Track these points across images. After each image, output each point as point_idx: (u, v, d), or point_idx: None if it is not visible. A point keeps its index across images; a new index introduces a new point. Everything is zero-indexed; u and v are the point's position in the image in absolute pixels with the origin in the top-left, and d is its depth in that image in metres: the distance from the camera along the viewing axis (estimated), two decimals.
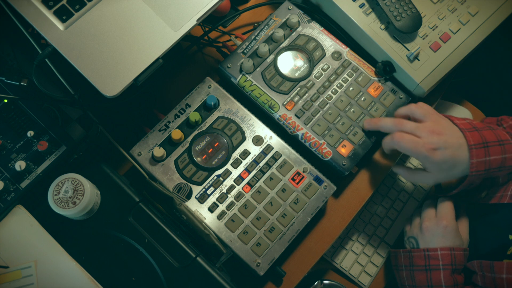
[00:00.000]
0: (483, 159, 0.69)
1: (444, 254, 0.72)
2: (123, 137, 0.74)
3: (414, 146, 0.69)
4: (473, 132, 0.71)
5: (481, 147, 0.69)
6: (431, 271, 0.73)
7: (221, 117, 0.74)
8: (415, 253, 0.75)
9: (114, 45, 0.62)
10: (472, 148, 0.69)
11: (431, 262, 0.73)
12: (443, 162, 0.69)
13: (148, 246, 0.65)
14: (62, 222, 0.65)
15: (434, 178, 0.72)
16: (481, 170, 0.70)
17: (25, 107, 0.69)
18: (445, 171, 0.71)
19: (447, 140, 0.70)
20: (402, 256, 0.78)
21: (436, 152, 0.69)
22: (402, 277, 0.78)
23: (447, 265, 0.72)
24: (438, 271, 0.72)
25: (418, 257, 0.75)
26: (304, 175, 0.73)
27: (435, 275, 0.72)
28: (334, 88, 0.78)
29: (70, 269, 0.62)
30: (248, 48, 0.78)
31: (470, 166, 0.69)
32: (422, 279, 0.73)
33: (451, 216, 0.76)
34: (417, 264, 0.74)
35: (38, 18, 0.61)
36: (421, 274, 0.74)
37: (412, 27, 0.76)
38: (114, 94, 0.61)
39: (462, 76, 0.96)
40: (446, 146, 0.69)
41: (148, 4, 0.65)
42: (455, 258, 0.72)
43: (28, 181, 0.66)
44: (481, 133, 0.71)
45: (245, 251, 0.69)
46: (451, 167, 0.70)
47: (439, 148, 0.69)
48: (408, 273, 0.76)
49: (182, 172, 0.71)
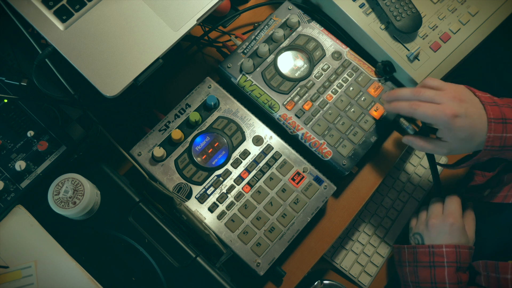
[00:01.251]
0: (500, 134, 0.67)
1: (449, 251, 0.72)
2: (123, 137, 0.74)
3: (434, 112, 0.67)
4: (493, 107, 0.69)
5: (500, 122, 0.67)
6: (435, 267, 0.72)
7: (221, 117, 0.74)
8: (420, 249, 0.75)
9: (114, 45, 0.62)
10: (491, 122, 0.67)
11: (436, 259, 0.72)
12: (461, 130, 0.67)
13: (148, 246, 0.65)
14: (62, 222, 0.65)
15: (449, 147, 0.69)
16: (496, 146, 0.68)
17: (25, 107, 0.69)
18: (461, 142, 0.68)
19: (468, 108, 0.67)
20: (407, 251, 0.77)
21: (457, 119, 0.66)
22: (405, 273, 0.77)
23: (451, 262, 0.71)
24: (443, 268, 0.71)
25: (422, 253, 0.74)
26: (304, 175, 0.73)
27: (439, 272, 0.72)
28: (334, 88, 0.78)
29: (70, 269, 0.62)
30: (248, 48, 0.78)
31: (486, 139, 0.67)
32: (426, 275, 0.73)
33: (458, 213, 0.75)
34: (421, 260, 0.74)
35: (38, 18, 0.61)
36: (425, 271, 0.73)
37: (412, 27, 0.76)
38: (114, 94, 0.61)
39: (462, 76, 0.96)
40: (466, 114, 0.67)
41: (148, 4, 0.65)
42: (460, 255, 0.72)
43: (28, 181, 0.66)
44: (501, 109, 0.69)
45: (245, 251, 0.69)
46: (468, 137, 0.68)
47: (460, 115, 0.66)
48: (411, 269, 0.76)
49: (182, 172, 0.71)
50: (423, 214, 0.80)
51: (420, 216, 0.80)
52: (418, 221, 0.80)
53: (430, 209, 0.79)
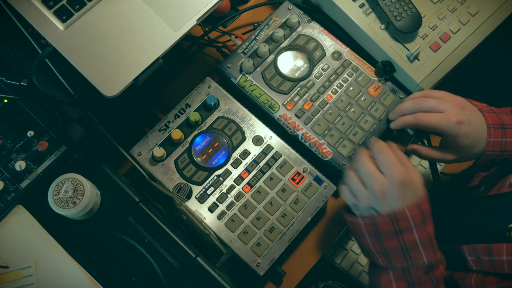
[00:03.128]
0: (499, 139, 0.70)
1: (413, 214, 0.62)
2: (123, 137, 0.74)
3: (439, 120, 0.69)
4: (491, 114, 0.71)
5: (499, 128, 0.70)
6: (403, 234, 0.63)
7: (221, 117, 0.74)
8: (380, 220, 0.63)
9: (114, 45, 0.62)
10: (490, 127, 0.69)
11: (401, 225, 0.63)
12: (466, 136, 0.69)
13: (148, 246, 0.65)
14: (62, 222, 0.65)
15: (454, 155, 0.72)
16: (497, 150, 0.70)
17: (25, 107, 0.69)
18: (465, 149, 0.70)
19: (470, 115, 0.70)
20: (363, 224, 0.65)
21: (462, 126, 0.69)
22: (367, 244, 0.66)
23: (418, 222, 0.63)
24: (411, 233, 0.63)
25: (384, 224, 0.63)
26: (304, 175, 0.73)
27: (408, 237, 0.63)
28: (334, 88, 0.78)
29: (70, 269, 0.62)
30: (248, 48, 0.78)
31: (486, 144, 0.69)
32: (394, 245, 0.64)
33: (399, 166, 0.63)
34: (385, 231, 0.63)
35: (38, 18, 0.61)
36: (392, 241, 0.63)
37: (412, 27, 0.76)
38: (114, 94, 0.61)
39: (462, 76, 0.96)
40: (469, 121, 0.69)
41: (148, 4, 0.65)
42: (423, 211, 0.63)
43: (28, 181, 0.66)
44: (499, 116, 0.72)
45: (245, 251, 0.69)
46: (472, 144, 0.70)
47: (464, 122, 0.69)
48: (374, 240, 0.65)
49: (182, 172, 0.71)
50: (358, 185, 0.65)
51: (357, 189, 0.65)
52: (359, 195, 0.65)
53: (364, 174, 0.64)
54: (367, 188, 0.63)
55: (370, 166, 0.63)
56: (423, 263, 0.63)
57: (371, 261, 0.68)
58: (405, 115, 0.74)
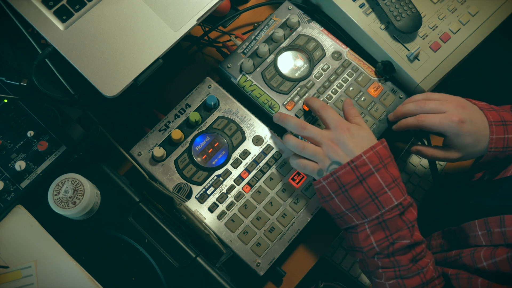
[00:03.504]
0: (502, 136, 0.71)
1: (370, 156, 0.64)
2: (123, 137, 0.74)
3: (441, 120, 0.70)
4: (491, 111, 0.73)
5: (500, 124, 0.71)
6: (366, 179, 0.64)
7: (221, 117, 0.74)
8: (340, 171, 0.64)
9: (114, 45, 0.62)
10: (492, 124, 0.71)
11: (361, 171, 0.64)
12: (469, 135, 0.70)
13: (148, 246, 0.65)
14: (62, 222, 0.65)
15: (458, 153, 0.73)
16: (500, 147, 0.71)
17: (25, 107, 0.69)
18: (468, 147, 0.72)
19: (471, 114, 0.71)
20: (327, 183, 0.66)
21: (464, 124, 0.70)
22: (337, 206, 0.67)
23: (377, 164, 0.64)
24: (373, 175, 0.64)
25: (345, 174, 0.64)
26: (304, 175, 0.73)
27: (372, 180, 0.64)
28: (334, 88, 0.78)
29: (70, 269, 0.62)
30: (248, 48, 0.78)
31: (489, 142, 0.71)
32: (360, 192, 0.64)
33: (340, 117, 0.69)
34: (348, 181, 0.64)
35: (38, 18, 0.61)
36: (357, 189, 0.64)
37: (412, 27, 0.76)
38: (114, 94, 0.61)
39: (462, 76, 0.96)
40: (471, 120, 0.70)
41: (148, 4, 0.65)
42: (379, 154, 0.65)
43: (28, 181, 0.66)
44: (499, 113, 0.73)
45: (245, 251, 0.69)
46: (475, 142, 0.71)
47: (466, 121, 0.70)
48: (341, 196, 0.65)
49: (182, 172, 0.71)
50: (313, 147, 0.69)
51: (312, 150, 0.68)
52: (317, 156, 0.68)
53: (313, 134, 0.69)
54: (321, 146, 0.68)
55: (314, 128, 0.69)
56: (394, 205, 0.64)
57: (347, 226, 0.68)
58: (406, 117, 0.74)
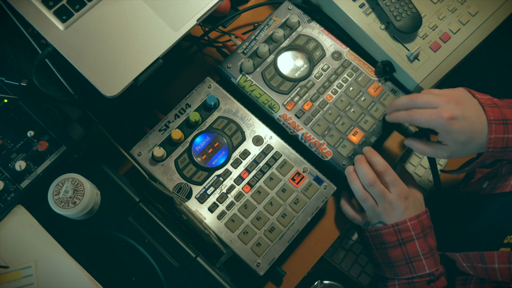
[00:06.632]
0: (501, 135, 0.67)
1: (414, 224, 0.70)
2: (123, 137, 0.74)
3: (430, 116, 0.68)
4: (493, 108, 0.68)
5: (501, 123, 0.67)
6: (406, 244, 0.70)
7: (221, 117, 0.74)
8: (384, 230, 0.71)
9: (114, 45, 0.62)
10: (492, 123, 0.67)
11: (403, 235, 0.70)
12: (460, 133, 0.67)
13: (148, 246, 0.65)
14: (62, 222, 0.65)
15: (449, 151, 0.69)
16: (498, 147, 0.67)
17: (25, 107, 0.69)
18: (461, 144, 0.68)
19: (465, 110, 0.67)
20: (369, 236, 0.74)
21: (454, 121, 0.67)
22: (375, 256, 0.74)
23: (419, 233, 0.70)
24: (413, 242, 0.70)
25: (388, 234, 0.71)
26: (304, 175, 0.73)
27: (411, 246, 0.70)
28: (334, 88, 0.78)
29: (70, 269, 0.62)
30: (248, 48, 0.78)
31: (487, 141, 0.67)
32: (398, 254, 0.71)
33: (403, 184, 0.72)
34: (388, 241, 0.71)
35: (38, 18, 0.61)
36: (396, 250, 0.71)
37: (412, 27, 0.76)
38: (114, 94, 0.61)
39: (462, 76, 0.96)
40: (464, 117, 0.67)
41: (148, 4, 0.65)
42: (423, 224, 0.70)
43: (28, 181, 0.66)
44: (501, 110, 0.68)
45: (245, 251, 0.69)
46: (468, 140, 0.68)
47: (456, 117, 0.67)
48: (380, 251, 0.73)
49: (182, 172, 0.71)
50: (372, 203, 0.73)
51: (370, 206, 0.73)
52: (370, 213, 0.73)
53: (376, 193, 0.72)
54: (378, 205, 0.72)
55: (381, 187, 0.71)
56: (426, 273, 0.70)
57: (380, 274, 0.75)
58: (399, 111, 0.73)
